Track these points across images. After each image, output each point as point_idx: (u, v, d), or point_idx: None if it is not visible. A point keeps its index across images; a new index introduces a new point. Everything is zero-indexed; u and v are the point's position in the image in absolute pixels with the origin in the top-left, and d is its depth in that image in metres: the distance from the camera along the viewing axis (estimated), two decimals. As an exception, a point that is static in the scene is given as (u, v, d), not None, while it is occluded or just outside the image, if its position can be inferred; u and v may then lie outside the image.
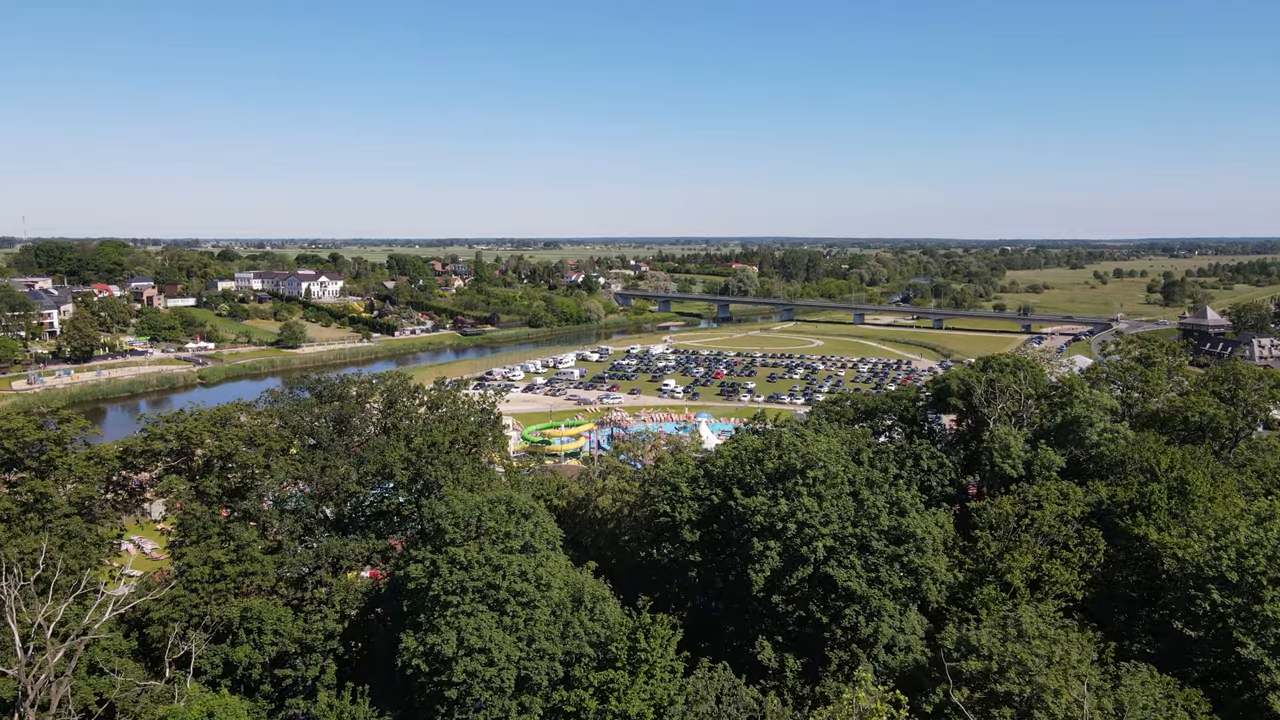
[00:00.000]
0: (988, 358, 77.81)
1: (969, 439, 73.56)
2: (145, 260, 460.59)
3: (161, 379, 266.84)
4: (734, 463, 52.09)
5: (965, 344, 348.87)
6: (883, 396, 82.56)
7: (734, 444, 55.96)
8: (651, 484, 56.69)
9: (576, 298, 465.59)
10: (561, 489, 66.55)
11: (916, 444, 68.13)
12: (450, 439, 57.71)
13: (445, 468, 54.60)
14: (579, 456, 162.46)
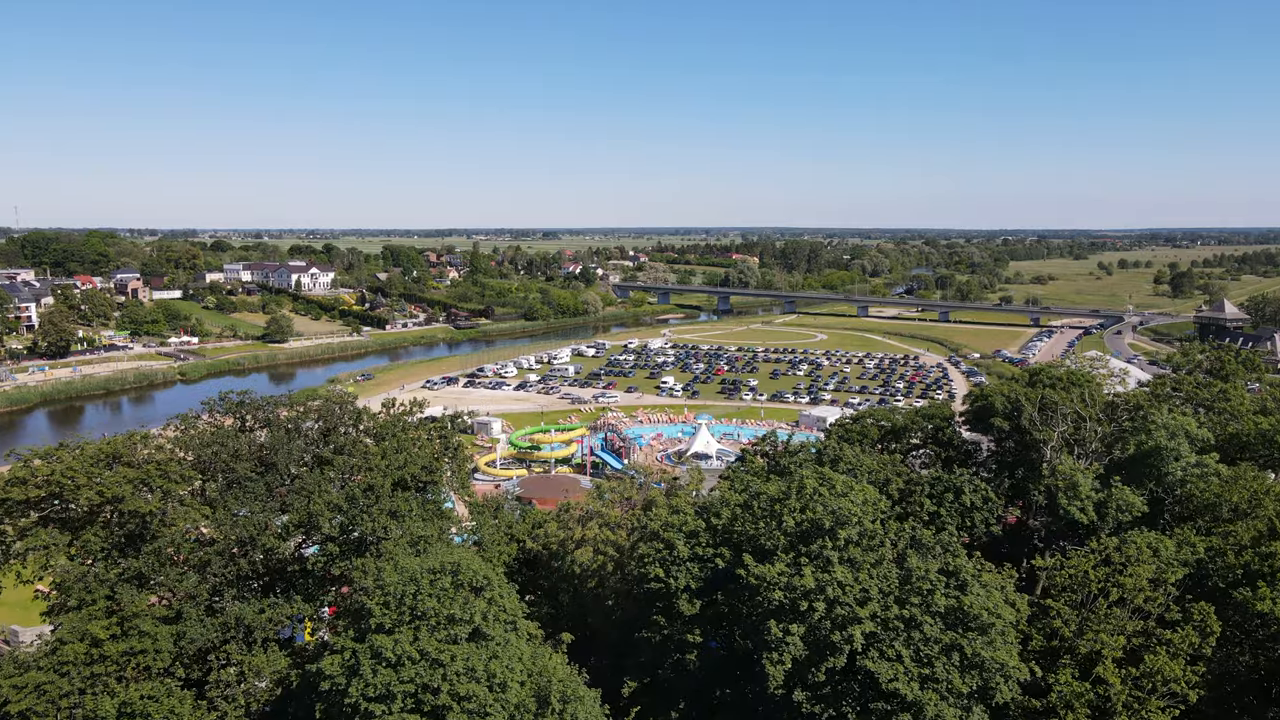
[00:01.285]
0: (1035, 370, 67.67)
1: (1013, 464, 63.18)
2: (132, 251, 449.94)
3: (139, 375, 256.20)
4: (744, 515, 41.75)
5: (973, 338, 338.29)
6: (911, 413, 72.20)
7: (743, 486, 45.59)
8: (641, 537, 46.54)
9: (573, 290, 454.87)
10: (539, 528, 56.30)
11: (957, 474, 57.85)
12: (396, 477, 47.42)
13: (386, 517, 44.28)
14: (571, 463, 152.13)
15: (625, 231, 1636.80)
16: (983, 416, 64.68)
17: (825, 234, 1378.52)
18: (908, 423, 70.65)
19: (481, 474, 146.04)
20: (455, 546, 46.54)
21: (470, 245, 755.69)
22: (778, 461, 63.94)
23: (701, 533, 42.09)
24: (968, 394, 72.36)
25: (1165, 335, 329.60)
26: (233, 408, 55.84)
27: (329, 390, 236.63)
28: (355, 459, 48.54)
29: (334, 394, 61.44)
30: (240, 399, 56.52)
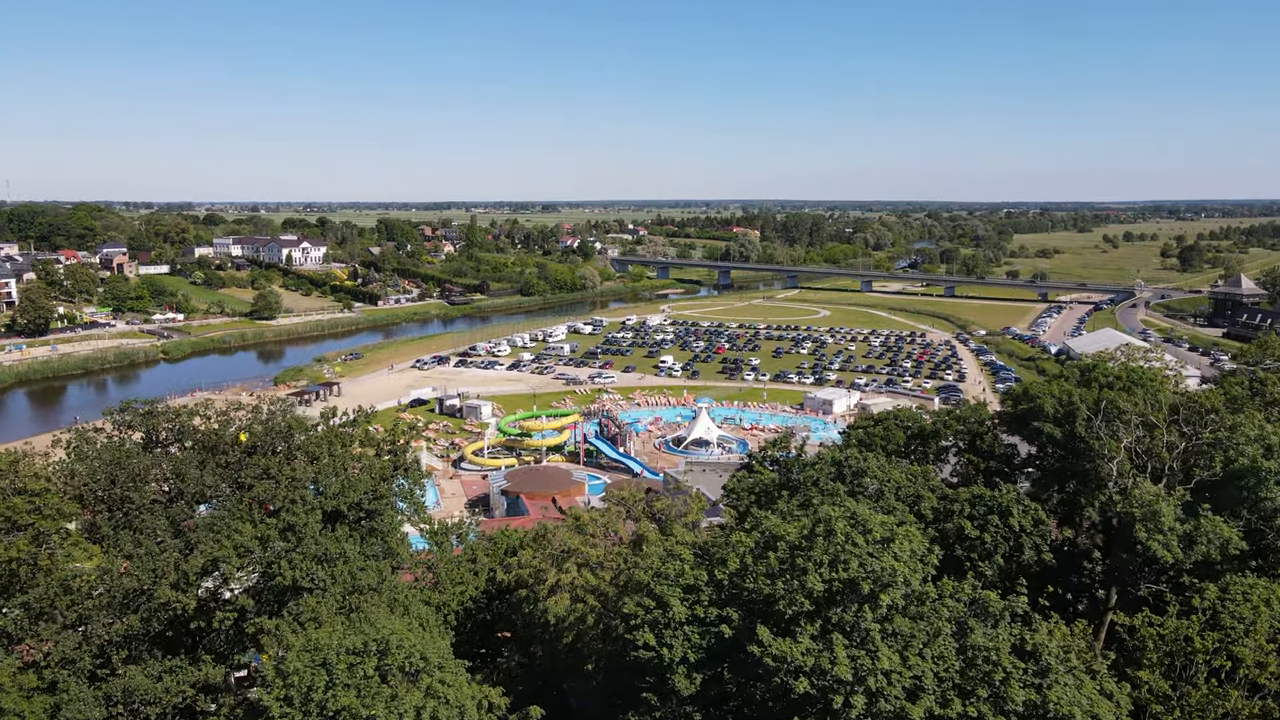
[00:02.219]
0: (1087, 366, 59.07)
1: (1062, 475, 54.61)
2: (120, 225, 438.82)
3: (120, 354, 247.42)
4: (756, 565, 33.20)
5: (980, 314, 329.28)
6: (943, 414, 63.68)
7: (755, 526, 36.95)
8: (626, 587, 38.16)
9: (571, 264, 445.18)
10: (512, 555, 47.86)
11: (1003, 492, 49.31)
12: (330, 508, 38.96)
13: (312, 563, 35.82)
14: (564, 451, 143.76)
15: (625, 204, 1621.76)
16: (1027, 420, 56.11)
17: (826, 207, 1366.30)
18: (938, 426, 62.06)
19: (468, 463, 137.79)
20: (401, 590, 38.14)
21: (468, 219, 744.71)
22: (789, 472, 55.42)
23: (703, 587, 33.66)
24: (1006, 391, 63.68)
25: (1178, 311, 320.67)
26: (140, 418, 47.03)
27: (315, 370, 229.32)
28: (282, 487, 39.91)
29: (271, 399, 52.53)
30: (148, 408, 47.70)
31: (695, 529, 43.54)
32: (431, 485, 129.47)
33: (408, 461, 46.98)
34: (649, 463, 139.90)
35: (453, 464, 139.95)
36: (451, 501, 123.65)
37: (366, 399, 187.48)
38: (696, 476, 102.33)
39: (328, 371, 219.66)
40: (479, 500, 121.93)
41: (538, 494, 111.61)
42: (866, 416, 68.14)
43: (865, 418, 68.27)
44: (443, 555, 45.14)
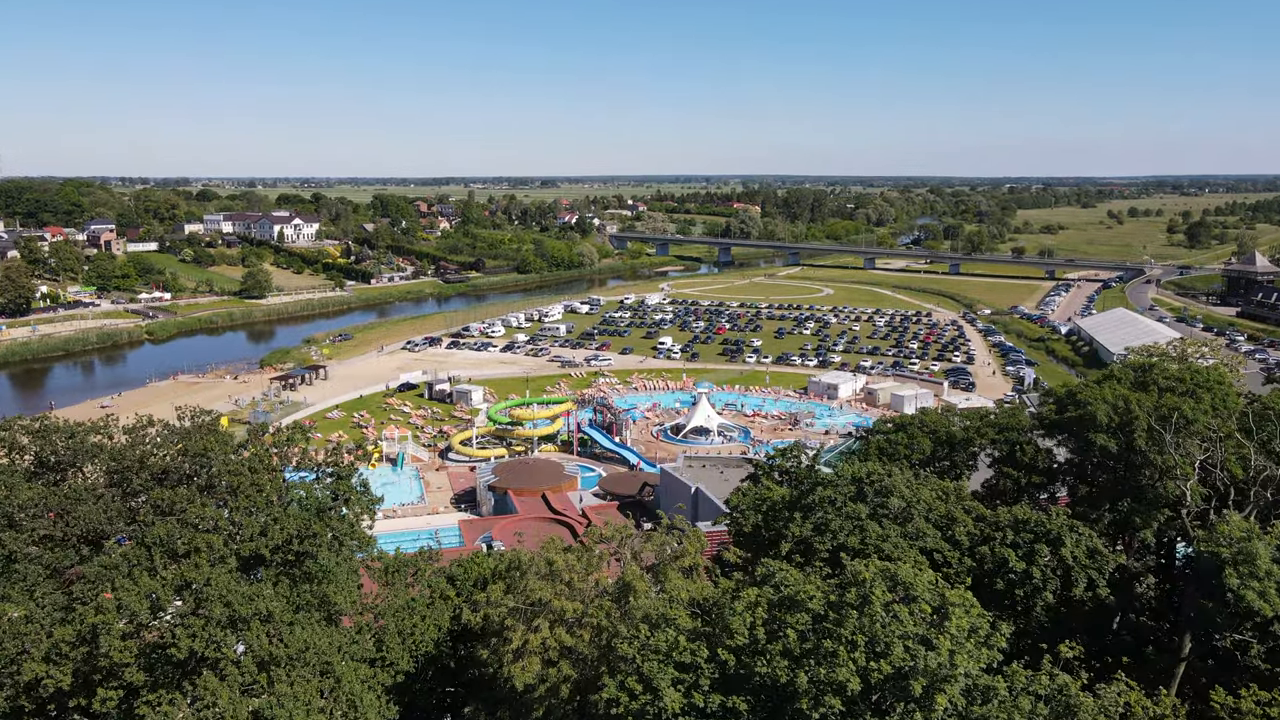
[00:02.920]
0: (1143, 365, 52.13)
1: (1114, 490, 47.74)
2: (108, 201, 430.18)
3: (103, 335, 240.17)
4: (770, 643, 26.32)
5: (986, 292, 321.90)
6: (975, 419, 56.72)
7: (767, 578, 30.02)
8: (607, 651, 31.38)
9: (569, 241, 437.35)
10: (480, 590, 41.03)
11: (1052, 516, 42.48)
12: (250, 551, 32.10)
13: (218, 629, 28.88)
14: (556, 441, 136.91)
15: (625, 179, 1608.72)
16: (1076, 429, 49.17)
17: (827, 182, 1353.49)
18: (970, 434, 55.15)
19: (456, 454, 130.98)
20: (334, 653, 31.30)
21: (466, 194, 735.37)
22: (802, 486, 48.54)
23: (703, 664, 26.94)
24: (1047, 392, 56.74)
25: (1190, 289, 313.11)
26: (33, 437, 39.92)
27: (303, 352, 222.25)
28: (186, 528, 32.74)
29: (194, 411, 45.24)
30: (39, 424, 40.59)
31: (694, 574, 36.74)
32: (416, 478, 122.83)
33: (352, 488, 39.88)
34: (646, 452, 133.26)
35: (440, 454, 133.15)
36: (437, 496, 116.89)
37: (353, 383, 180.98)
38: (696, 472, 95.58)
39: (315, 354, 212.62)
40: (466, 495, 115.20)
41: (526, 490, 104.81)
42: (887, 422, 60.94)
43: (886, 422, 61.10)
44: (391, 603, 38.23)
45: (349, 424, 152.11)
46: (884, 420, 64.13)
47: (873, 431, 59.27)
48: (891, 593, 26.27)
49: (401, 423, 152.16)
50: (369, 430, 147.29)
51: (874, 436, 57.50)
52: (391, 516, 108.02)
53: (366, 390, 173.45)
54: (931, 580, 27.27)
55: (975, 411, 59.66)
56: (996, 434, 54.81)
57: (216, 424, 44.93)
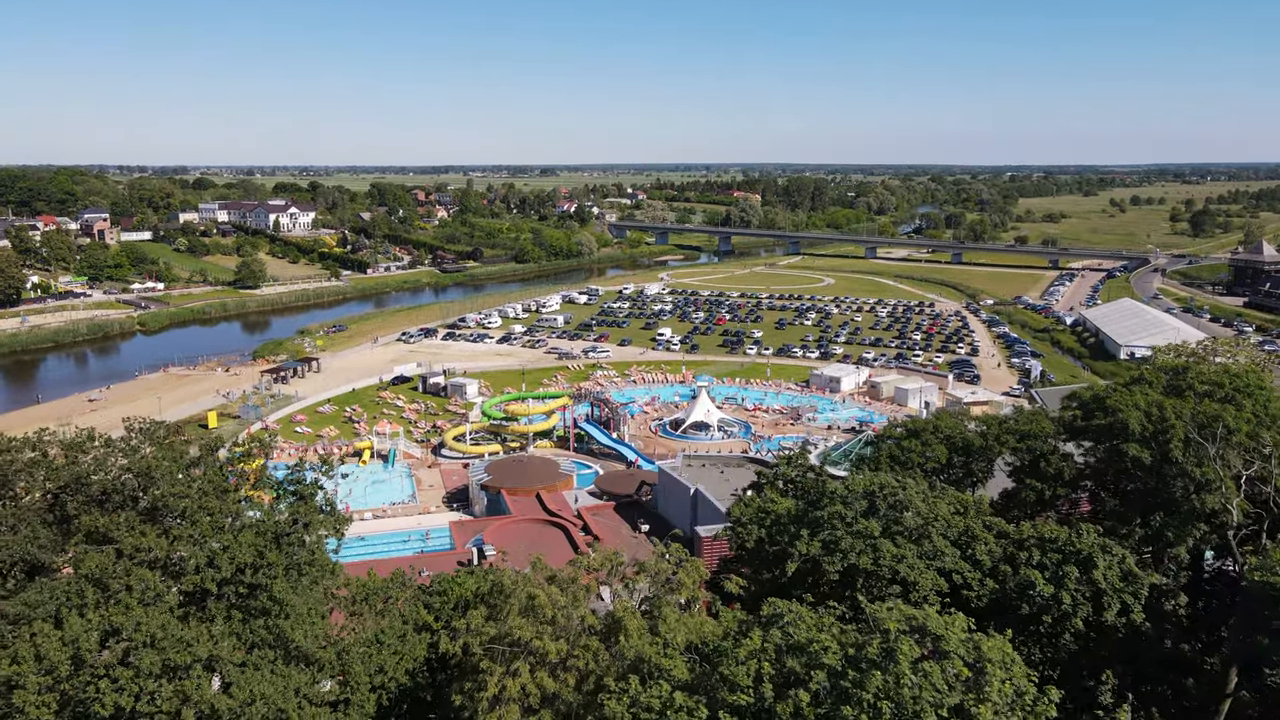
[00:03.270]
0: (1177, 369, 48.61)
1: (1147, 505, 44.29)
2: (102, 190, 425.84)
3: (94, 326, 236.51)
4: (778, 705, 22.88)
5: (989, 281, 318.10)
6: (995, 425, 53.11)
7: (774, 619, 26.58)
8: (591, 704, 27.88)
9: (567, 230, 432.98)
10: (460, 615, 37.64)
11: (1085, 536, 39.04)
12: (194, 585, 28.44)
13: (152, 679, 25.39)
14: (552, 437, 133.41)
15: (625, 168, 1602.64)
16: (1105, 438, 45.70)
17: (827, 170, 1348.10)
18: (989, 442, 51.64)
19: (449, 450, 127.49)
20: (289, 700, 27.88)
21: (465, 183, 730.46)
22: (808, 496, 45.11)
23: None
24: (1070, 395, 53.12)
25: (1195, 279, 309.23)
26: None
27: (296, 344, 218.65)
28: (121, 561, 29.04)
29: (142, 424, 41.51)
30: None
31: (691, 609, 33.33)
32: (408, 475, 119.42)
33: (315, 509, 36.28)
34: (644, 448, 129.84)
35: (432, 450, 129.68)
36: (429, 495, 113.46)
37: (346, 375, 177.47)
38: (696, 473, 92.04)
39: (308, 345, 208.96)
40: (458, 493, 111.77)
41: (520, 489, 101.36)
42: (899, 425, 57.31)
43: (897, 427, 57.48)
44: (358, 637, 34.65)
45: (340, 418, 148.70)
46: (895, 424, 60.44)
47: (884, 437, 55.80)
48: (919, 645, 22.89)
49: (394, 417, 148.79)
50: (361, 425, 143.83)
51: (885, 443, 54.04)
52: (382, 516, 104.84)
53: (359, 383, 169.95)
54: (964, 630, 23.89)
55: (994, 417, 56.11)
56: (1018, 442, 51.33)
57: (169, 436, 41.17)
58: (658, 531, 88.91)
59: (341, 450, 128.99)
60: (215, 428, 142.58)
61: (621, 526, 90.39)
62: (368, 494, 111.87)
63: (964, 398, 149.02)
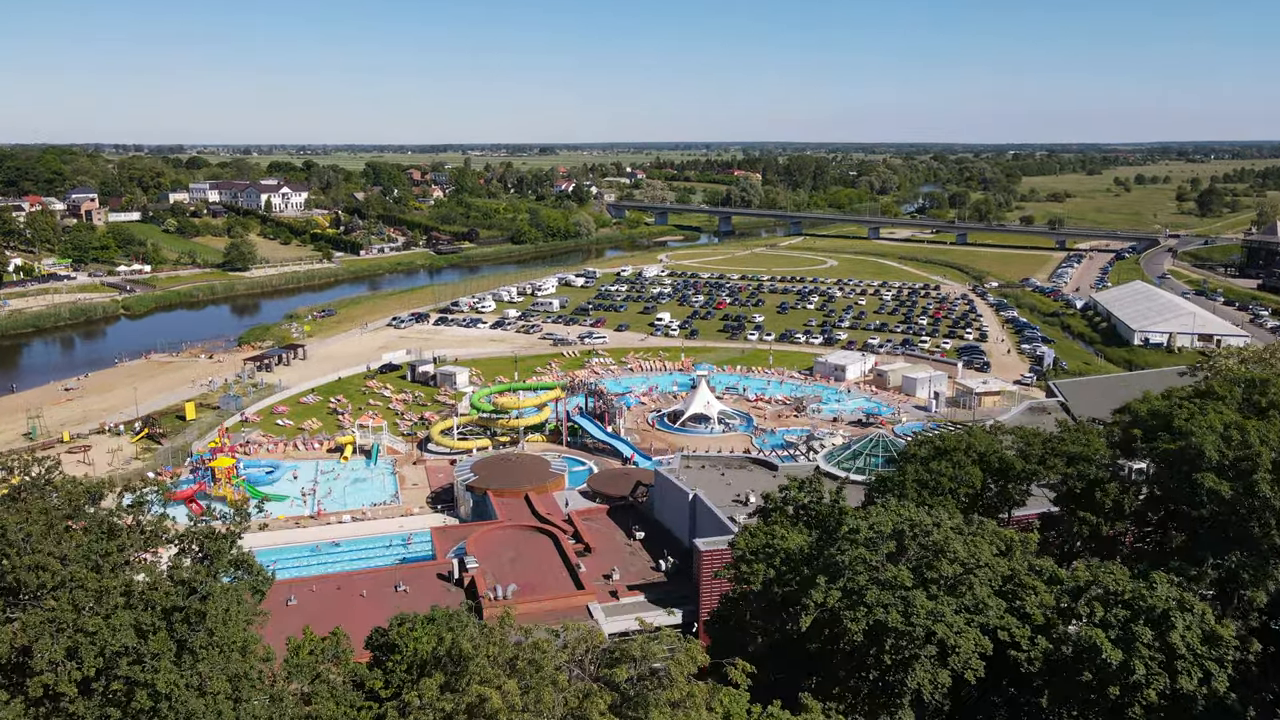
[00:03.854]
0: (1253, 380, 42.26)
1: (1219, 542, 38.05)
2: (90, 169, 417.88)
3: (76, 310, 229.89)
4: None
5: (996, 263, 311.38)
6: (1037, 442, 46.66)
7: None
8: None
9: (565, 210, 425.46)
10: (414, 684, 31.45)
11: (1159, 588, 32.84)
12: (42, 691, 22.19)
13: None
14: (544, 431, 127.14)
15: (624, 146, 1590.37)
16: (1173, 464, 39.42)
17: (828, 149, 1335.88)
18: (1032, 465, 45.28)
19: (435, 445, 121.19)
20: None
21: (463, 162, 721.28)
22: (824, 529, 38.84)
23: None
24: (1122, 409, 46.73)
25: (1206, 260, 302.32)
26: None
27: (284, 329, 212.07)
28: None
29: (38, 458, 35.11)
30: None
31: (685, 708, 27.12)
32: (391, 473, 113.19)
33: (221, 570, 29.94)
34: (641, 443, 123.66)
35: (418, 445, 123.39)
36: (412, 494, 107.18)
37: (333, 363, 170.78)
38: (695, 475, 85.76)
39: (295, 331, 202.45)
40: (444, 493, 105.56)
41: (508, 491, 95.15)
42: (925, 441, 50.81)
43: (923, 442, 50.98)
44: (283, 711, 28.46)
45: (324, 410, 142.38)
46: (920, 440, 53.47)
47: (908, 457, 49.33)
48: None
49: (381, 408, 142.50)
50: (345, 417, 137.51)
51: (909, 465, 47.56)
52: (361, 519, 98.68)
53: (346, 371, 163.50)
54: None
55: (1036, 434, 49.52)
56: (1066, 465, 44.96)
57: (41, 476, 34.46)
58: (654, 538, 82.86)
59: (323, 445, 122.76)
60: (194, 419, 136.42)
61: (615, 533, 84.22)
62: (347, 494, 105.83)
63: (975, 388, 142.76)
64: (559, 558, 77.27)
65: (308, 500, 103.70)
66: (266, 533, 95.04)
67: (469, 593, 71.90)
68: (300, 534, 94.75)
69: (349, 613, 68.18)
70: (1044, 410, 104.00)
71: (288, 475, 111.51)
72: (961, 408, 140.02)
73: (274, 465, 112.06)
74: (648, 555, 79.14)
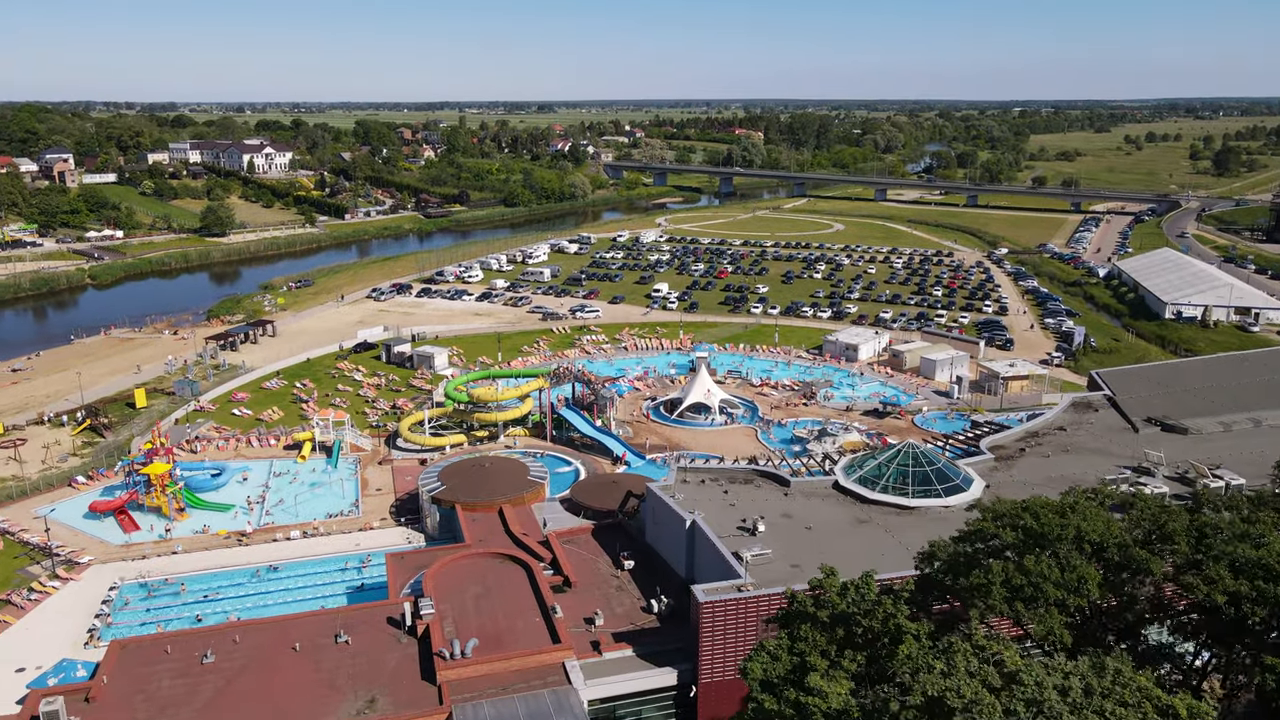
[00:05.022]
0: None
1: None
2: (66, 129, 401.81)
3: (38, 280, 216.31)
4: None
5: (1009, 227, 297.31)
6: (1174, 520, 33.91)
7: None
8: None
9: (560, 171, 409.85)
10: None
11: None
12: None
13: None
14: (527, 424, 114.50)
15: (623, 104, 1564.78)
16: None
17: (830, 106, 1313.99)
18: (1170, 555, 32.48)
19: (404, 442, 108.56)
20: None
21: (458, 120, 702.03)
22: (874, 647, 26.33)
23: None
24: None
25: (1231, 224, 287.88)
26: None
27: (256, 301, 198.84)
28: None
29: None
30: None
31: None
32: (352, 477, 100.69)
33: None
34: (634, 437, 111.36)
35: (386, 441, 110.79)
36: (376, 502, 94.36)
37: (304, 341, 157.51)
38: (693, 492, 73.24)
39: (268, 303, 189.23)
40: (410, 501, 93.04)
41: (480, 504, 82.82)
42: (1009, 515, 37.66)
43: (997, 518, 37.88)
44: None
45: (288, 397, 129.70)
46: (992, 513, 38.09)
47: (968, 538, 36.41)
48: None
49: (349, 394, 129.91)
50: (310, 404, 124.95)
51: (996, 562, 34.26)
52: (314, 534, 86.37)
53: (317, 351, 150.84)
54: None
55: (1173, 510, 36.60)
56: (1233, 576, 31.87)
57: None
58: (645, 568, 70.63)
59: (280, 441, 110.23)
60: (144, 407, 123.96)
61: (599, 561, 72.08)
62: (300, 502, 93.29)
63: (1001, 371, 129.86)
64: (533, 596, 65.23)
65: (254, 510, 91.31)
66: (203, 553, 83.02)
67: (423, 644, 60.08)
68: (241, 554, 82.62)
69: (275, 675, 56.44)
70: (1089, 406, 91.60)
71: (237, 477, 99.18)
72: (987, 393, 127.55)
73: (220, 467, 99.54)
74: (637, 591, 67.09)
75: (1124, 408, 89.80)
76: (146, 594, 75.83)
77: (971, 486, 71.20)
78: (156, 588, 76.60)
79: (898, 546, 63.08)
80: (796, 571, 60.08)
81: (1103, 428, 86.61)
